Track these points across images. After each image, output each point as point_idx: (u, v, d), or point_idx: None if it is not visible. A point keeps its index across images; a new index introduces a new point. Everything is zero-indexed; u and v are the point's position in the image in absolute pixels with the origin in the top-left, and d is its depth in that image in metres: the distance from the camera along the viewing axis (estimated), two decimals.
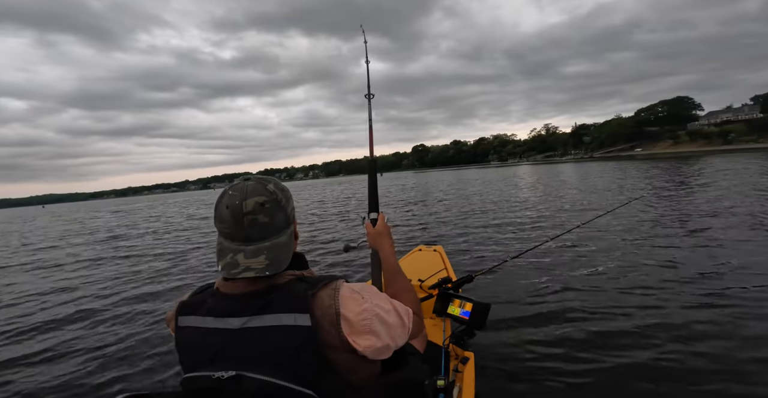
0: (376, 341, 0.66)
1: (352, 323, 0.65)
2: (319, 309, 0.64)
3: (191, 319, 0.70)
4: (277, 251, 0.68)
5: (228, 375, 0.59)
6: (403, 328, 0.75)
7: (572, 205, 8.37)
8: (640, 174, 16.80)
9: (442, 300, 1.65)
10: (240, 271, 0.65)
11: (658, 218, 5.87)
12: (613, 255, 3.96)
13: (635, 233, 4.88)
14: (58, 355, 2.71)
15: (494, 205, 9.60)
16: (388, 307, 0.72)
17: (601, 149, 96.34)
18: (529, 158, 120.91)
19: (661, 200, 7.83)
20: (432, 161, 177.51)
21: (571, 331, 2.33)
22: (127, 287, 4.55)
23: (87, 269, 6.09)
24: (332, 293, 0.67)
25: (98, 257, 7.08)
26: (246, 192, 0.68)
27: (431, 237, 6.01)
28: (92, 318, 3.49)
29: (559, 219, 6.70)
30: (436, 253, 2.68)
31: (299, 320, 0.62)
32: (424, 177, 42.23)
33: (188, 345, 0.70)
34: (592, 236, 4.87)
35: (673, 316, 2.43)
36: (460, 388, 1.31)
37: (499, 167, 68.32)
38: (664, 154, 59.12)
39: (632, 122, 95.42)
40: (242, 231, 0.67)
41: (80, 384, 2.26)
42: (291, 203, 0.76)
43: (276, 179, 0.76)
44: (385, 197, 16.36)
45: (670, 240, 4.44)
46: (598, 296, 2.88)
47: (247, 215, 0.67)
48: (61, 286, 4.96)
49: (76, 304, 4.00)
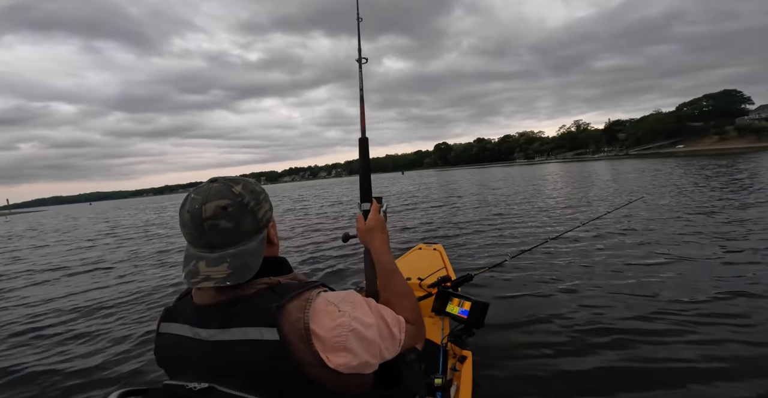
0: (351, 359, 0.60)
1: (323, 339, 0.59)
2: (287, 323, 0.59)
3: (172, 326, 0.68)
4: (242, 260, 0.63)
5: (200, 387, 0.57)
6: (393, 340, 0.69)
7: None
8: (694, 172, 15.40)
9: (440, 298, 1.67)
10: (199, 280, 0.61)
11: (666, 218, 5.62)
12: (614, 255, 3.87)
13: (638, 235, 4.74)
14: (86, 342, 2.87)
15: (506, 203, 9.36)
16: (370, 321, 0.64)
17: (637, 146, 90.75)
18: (558, 155, 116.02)
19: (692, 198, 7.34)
20: (455, 159, 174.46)
21: (570, 330, 2.32)
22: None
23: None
24: (303, 305, 0.61)
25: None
26: (208, 195, 0.63)
27: (432, 236, 6.01)
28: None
29: (579, 215, 6.51)
30: (436, 252, 2.69)
31: (266, 334, 0.58)
32: (446, 176, 41.69)
33: (164, 352, 0.70)
34: (594, 235, 4.79)
35: (677, 316, 2.37)
36: (457, 387, 1.32)
37: (525, 165, 66.39)
38: (709, 151, 54.69)
39: (673, 118, 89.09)
40: (203, 238, 0.63)
41: (87, 376, 2.33)
42: (264, 205, 0.70)
43: (249, 180, 0.71)
44: (400, 196, 16.27)
45: (681, 240, 4.28)
46: (597, 295, 2.85)
47: (207, 220, 0.62)
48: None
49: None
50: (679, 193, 8.57)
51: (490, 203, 10.00)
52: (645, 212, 6.32)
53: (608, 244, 4.36)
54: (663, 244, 4.17)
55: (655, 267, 3.39)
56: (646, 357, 1.96)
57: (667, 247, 4.02)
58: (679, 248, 3.94)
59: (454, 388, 1.30)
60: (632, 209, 6.35)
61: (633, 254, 3.88)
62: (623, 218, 5.73)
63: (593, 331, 2.29)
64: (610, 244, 4.35)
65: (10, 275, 6.19)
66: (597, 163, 42.40)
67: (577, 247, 4.31)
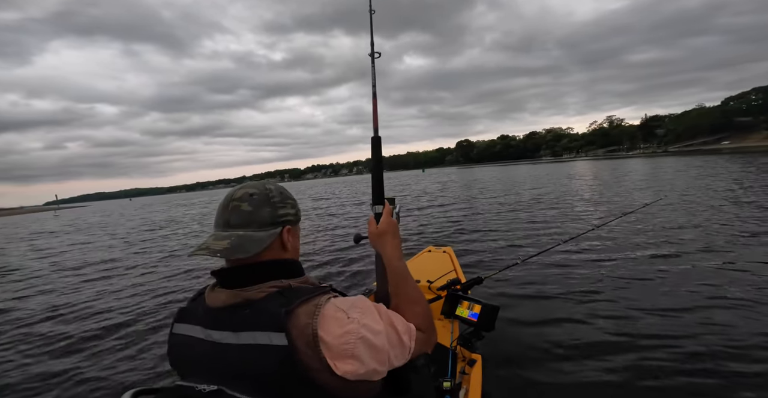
0: (358, 366, 0.60)
1: (331, 346, 0.59)
2: (295, 329, 0.59)
3: (185, 327, 0.70)
4: (245, 241, 0.66)
5: (210, 390, 0.58)
6: (402, 348, 0.68)
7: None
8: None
9: (450, 301, 1.66)
10: (197, 249, 0.65)
11: (691, 221, 5.33)
12: (630, 259, 3.74)
13: (658, 240, 4.51)
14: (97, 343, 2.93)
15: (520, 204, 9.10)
16: (379, 328, 0.64)
17: (677, 143, 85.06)
18: (589, 152, 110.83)
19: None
20: (477, 156, 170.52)
21: (582, 336, 2.26)
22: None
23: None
24: (312, 310, 0.61)
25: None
26: (245, 186, 0.73)
27: (442, 238, 5.95)
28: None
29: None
30: (446, 254, 2.66)
31: (274, 339, 0.58)
32: (468, 174, 40.99)
33: (176, 353, 0.71)
34: (611, 238, 4.62)
35: (690, 321, 2.31)
36: (466, 390, 1.32)
37: (552, 163, 63.92)
38: (758, 147, 50.29)
39: (718, 112, 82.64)
40: (224, 216, 0.69)
41: (96, 377, 2.36)
42: (288, 208, 0.73)
43: (282, 186, 0.77)
44: (420, 197, 16.14)
45: (702, 244, 4.06)
46: (610, 299, 2.77)
47: (233, 201, 0.69)
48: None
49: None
50: (714, 193, 8.01)
51: (505, 203, 9.79)
52: (671, 214, 6.02)
53: (624, 248, 4.21)
54: (686, 251, 3.94)
55: (674, 273, 3.25)
56: (662, 366, 1.90)
57: (690, 253, 3.81)
58: (704, 255, 3.73)
59: (464, 392, 1.29)
60: (657, 210, 6.09)
61: (649, 259, 3.73)
62: (642, 221, 5.48)
63: (606, 336, 2.24)
64: (626, 248, 4.20)
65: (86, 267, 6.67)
66: (632, 160, 40.27)
67: (592, 250, 4.18)
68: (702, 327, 2.25)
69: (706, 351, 1.99)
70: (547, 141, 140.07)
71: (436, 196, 14.42)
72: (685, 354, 1.98)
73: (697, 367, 1.86)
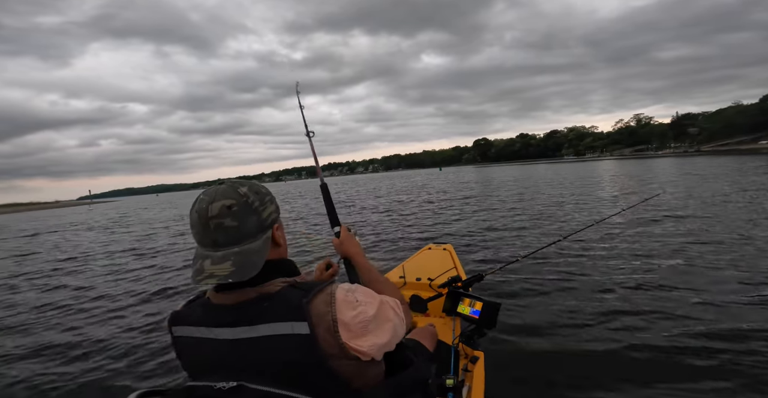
0: (377, 339, 0.66)
1: (350, 327, 0.63)
2: (316, 317, 0.62)
3: (184, 329, 0.70)
4: (245, 257, 0.65)
5: (229, 386, 0.59)
6: (399, 318, 0.75)
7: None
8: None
9: (451, 298, 1.67)
10: (203, 278, 0.63)
11: (698, 216, 5.23)
12: (632, 256, 3.68)
13: (653, 234, 4.45)
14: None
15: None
16: (379, 305, 0.71)
17: (711, 142, 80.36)
18: (614, 152, 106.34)
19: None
20: (496, 155, 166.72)
21: (584, 332, 2.25)
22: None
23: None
24: (328, 299, 0.65)
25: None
26: (215, 196, 0.67)
27: (442, 236, 5.94)
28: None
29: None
30: (446, 251, 2.64)
31: (296, 328, 0.61)
32: (485, 173, 39.99)
33: (186, 354, 0.72)
34: (612, 234, 4.55)
35: (693, 319, 2.27)
36: (469, 388, 1.32)
37: (574, 162, 61.84)
38: None
39: (756, 110, 77.36)
40: (209, 236, 0.66)
41: (100, 379, 2.29)
42: (269, 207, 0.72)
43: (256, 182, 0.74)
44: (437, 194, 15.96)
45: (700, 238, 4.01)
46: (612, 296, 2.73)
47: (213, 218, 0.65)
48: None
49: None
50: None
51: (506, 201, 9.75)
52: (676, 203, 5.95)
53: (626, 243, 4.14)
54: (691, 248, 3.84)
55: (677, 270, 3.18)
56: (664, 362, 1.88)
57: (696, 251, 3.71)
58: (710, 253, 3.62)
59: (466, 389, 1.29)
60: (661, 204, 5.98)
61: (652, 254, 3.67)
62: (642, 217, 5.39)
63: (608, 333, 2.22)
64: (628, 243, 4.13)
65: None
66: (661, 160, 38.54)
67: (594, 246, 4.13)
68: (712, 324, 2.18)
69: (719, 360, 1.89)
70: (569, 140, 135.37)
71: (447, 194, 14.36)
72: (695, 352, 1.93)
73: (712, 368, 1.80)
